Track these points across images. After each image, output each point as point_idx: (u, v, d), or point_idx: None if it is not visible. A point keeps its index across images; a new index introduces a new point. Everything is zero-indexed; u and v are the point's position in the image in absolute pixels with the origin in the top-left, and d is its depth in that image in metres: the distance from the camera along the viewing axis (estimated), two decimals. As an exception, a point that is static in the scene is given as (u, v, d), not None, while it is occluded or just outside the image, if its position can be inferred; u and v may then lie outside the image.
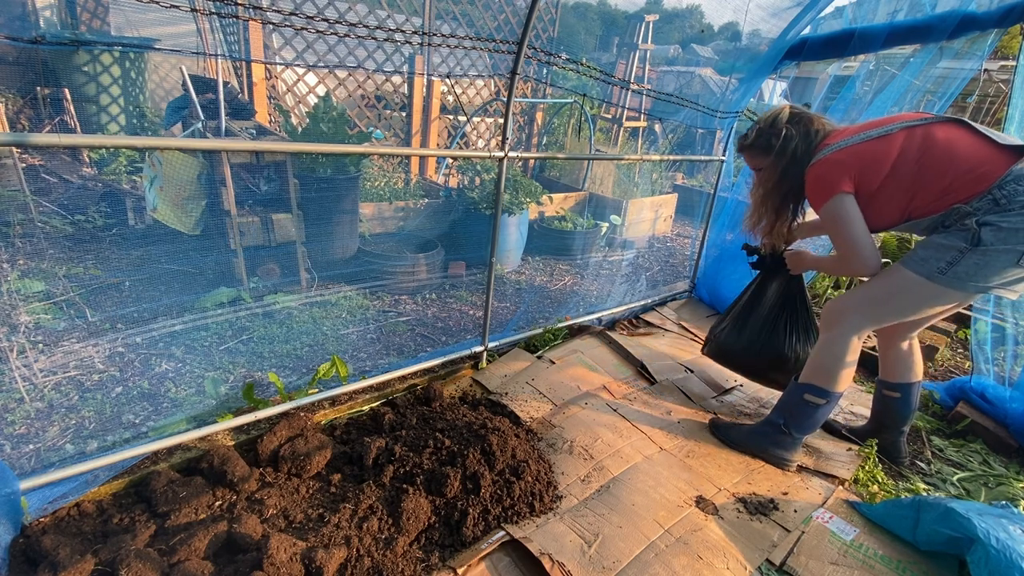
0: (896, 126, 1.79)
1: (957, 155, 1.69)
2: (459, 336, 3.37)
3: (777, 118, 1.99)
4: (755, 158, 2.10)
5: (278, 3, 4.70)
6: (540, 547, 1.63)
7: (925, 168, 1.73)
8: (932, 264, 1.73)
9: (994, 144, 1.69)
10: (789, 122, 1.97)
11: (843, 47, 2.81)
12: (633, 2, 7.46)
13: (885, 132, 1.80)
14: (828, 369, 1.98)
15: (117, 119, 5.05)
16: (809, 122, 1.96)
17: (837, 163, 1.84)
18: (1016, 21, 2.34)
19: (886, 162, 1.77)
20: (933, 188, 1.72)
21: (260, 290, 3.38)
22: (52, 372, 2.47)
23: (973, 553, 1.58)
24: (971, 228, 1.64)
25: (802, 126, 1.96)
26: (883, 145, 1.78)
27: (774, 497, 1.99)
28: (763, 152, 2.04)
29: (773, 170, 2.02)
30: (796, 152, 1.96)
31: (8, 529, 1.45)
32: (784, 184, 2.01)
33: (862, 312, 1.93)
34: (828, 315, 2.03)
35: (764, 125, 2.02)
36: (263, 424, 2.02)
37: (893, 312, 1.90)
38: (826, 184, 1.85)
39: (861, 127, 1.88)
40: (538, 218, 5.27)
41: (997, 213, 1.61)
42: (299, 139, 3.88)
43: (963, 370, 3.29)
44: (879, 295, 1.90)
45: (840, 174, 1.82)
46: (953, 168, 1.69)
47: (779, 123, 1.98)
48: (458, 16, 5.67)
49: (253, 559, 1.42)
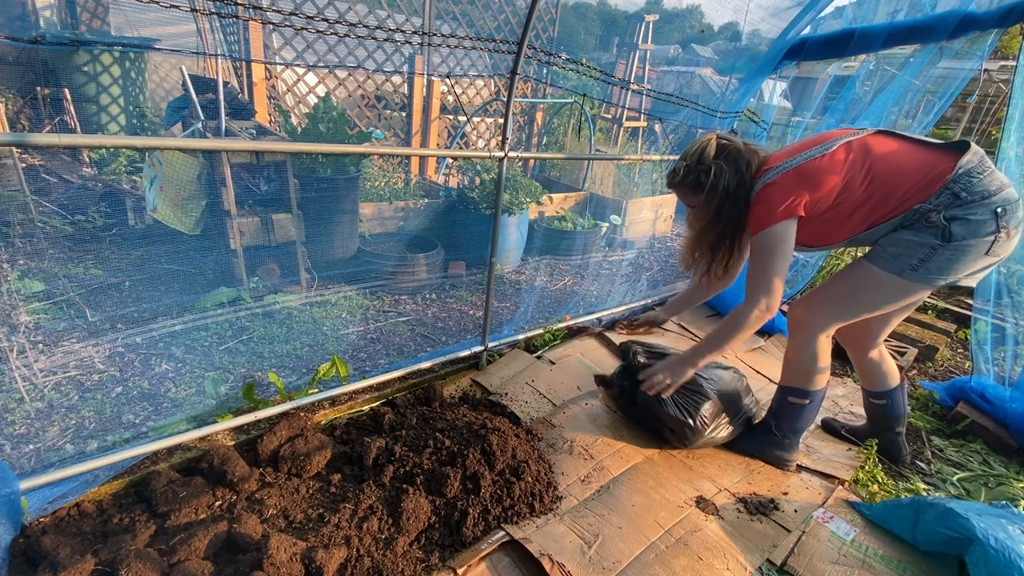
0: (833, 142, 1.78)
1: (903, 163, 1.72)
2: (459, 336, 3.37)
3: (703, 153, 1.88)
4: (686, 196, 1.99)
5: (278, 3, 4.70)
6: (540, 548, 1.63)
7: (877, 180, 1.73)
8: (903, 261, 1.73)
9: (930, 146, 1.74)
10: (717, 157, 1.86)
11: (843, 47, 2.81)
12: (633, 2, 7.47)
13: (825, 150, 1.77)
14: (804, 371, 2.00)
15: (117, 119, 5.05)
16: (738, 154, 1.86)
17: (787, 186, 1.77)
18: (1016, 21, 2.34)
19: (836, 178, 1.75)
20: (892, 197, 1.72)
21: (260, 290, 3.39)
22: (52, 372, 2.47)
23: (972, 553, 1.58)
24: (939, 224, 1.66)
25: (731, 160, 1.85)
26: (828, 162, 1.75)
27: (774, 497, 1.99)
28: (693, 190, 1.93)
29: (706, 208, 1.90)
30: (728, 187, 1.85)
31: (8, 529, 1.45)
32: (719, 221, 1.90)
33: (828, 311, 1.92)
34: (794, 317, 2.02)
35: (691, 162, 1.90)
36: (263, 424, 2.02)
37: (860, 309, 1.88)
38: (776, 208, 1.77)
39: (800, 147, 1.83)
40: (538, 218, 5.27)
41: (960, 207, 1.64)
42: (299, 139, 3.88)
43: (963, 370, 3.29)
44: (845, 293, 1.88)
45: (792, 196, 1.76)
46: (905, 176, 1.70)
47: (706, 159, 1.87)
48: (458, 16, 5.67)
49: (253, 559, 1.42)
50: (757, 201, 1.84)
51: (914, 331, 3.53)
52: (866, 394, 2.30)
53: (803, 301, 2.02)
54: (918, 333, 3.50)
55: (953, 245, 1.66)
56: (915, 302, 1.93)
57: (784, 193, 1.77)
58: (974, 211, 1.63)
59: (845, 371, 3.14)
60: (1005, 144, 2.53)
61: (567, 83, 6.66)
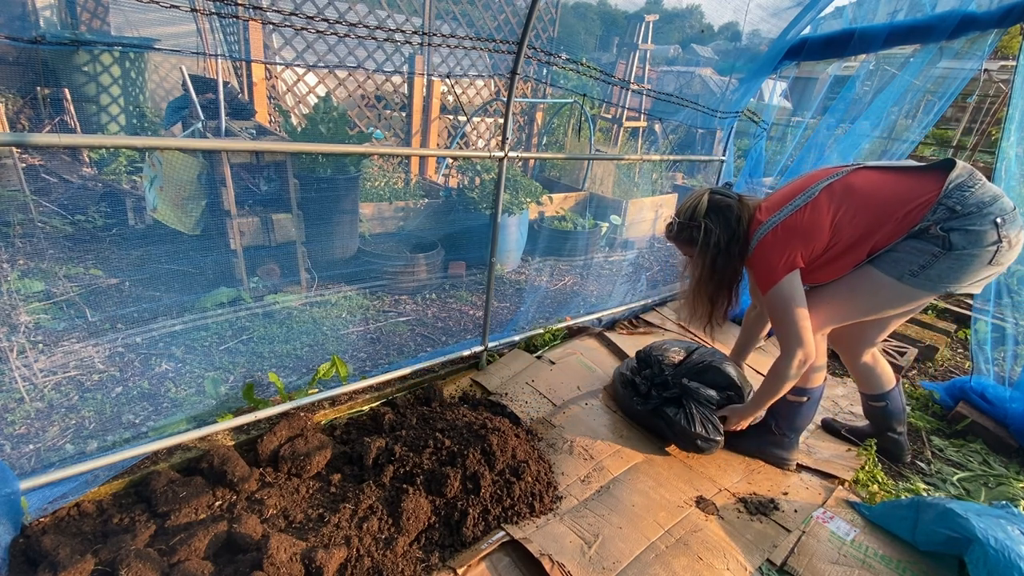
0: (814, 188, 1.81)
1: (888, 196, 1.75)
2: (459, 336, 3.37)
3: (695, 210, 1.93)
4: (682, 248, 2.07)
5: (278, 3, 4.70)
6: (540, 548, 1.63)
7: (867, 217, 1.75)
8: (904, 266, 1.74)
9: (913, 172, 1.77)
10: (708, 215, 1.91)
11: (843, 47, 2.81)
12: (633, 2, 7.47)
13: (808, 198, 1.80)
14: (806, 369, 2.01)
15: (117, 119, 5.05)
16: (728, 210, 1.90)
17: (778, 242, 1.81)
18: (1016, 21, 2.34)
19: (825, 226, 1.78)
20: (886, 225, 1.74)
21: (260, 290, 3.39)
22: (52, 372, 2.47)
23: (971, 553, 1.58)
24: (938, 235, 1.67)
25: (721, 216, 1.90)
26: (813, 211, 1.78)
27: (774, 497, 1.99)
28: (688, 244, 2.00)
29: (701, 260, 1.96)
30: (720, 243, 1.91)
31: (8, 529, 1.45)
32: (715, 275, 1.96)
33: (826, 311, 1.93)
34: None
35: (684, 219, 1.96)
36: (263, 424, 2.02)
37: (858, 311, 1.90)
38: (776, 266, 1.80)
39: (784, 197, 1.86)
40: (538, 218, 5.26)
41: (957, 218, 1.65)
42: (299, 139, 3.88)
43: (963, 370, 3.29)
44: (844, 294, 1.89)
45: (786, 252, 1.80)
46: (893, 208, 1.73)
47: (697, 216, 1.92)
48: (458, 16, 5.67)
49: (253, 559, 1.42)
50: (755, 261, 1.88)
51: (914, 331, 3.53)
52: (864, 397, 2.30)
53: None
54: (918, 333, 3.50)
55: (954, 254, 1.67)
56: (913, 308, 1.93)
57: (779, 250, 1.81)
58: (972, 222, 1.64)
59: (845, 371, 3.14)
60: (1005, 144, 2.53)
61: (567, 83, 6.66)
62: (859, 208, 1.76)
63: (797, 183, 1.89)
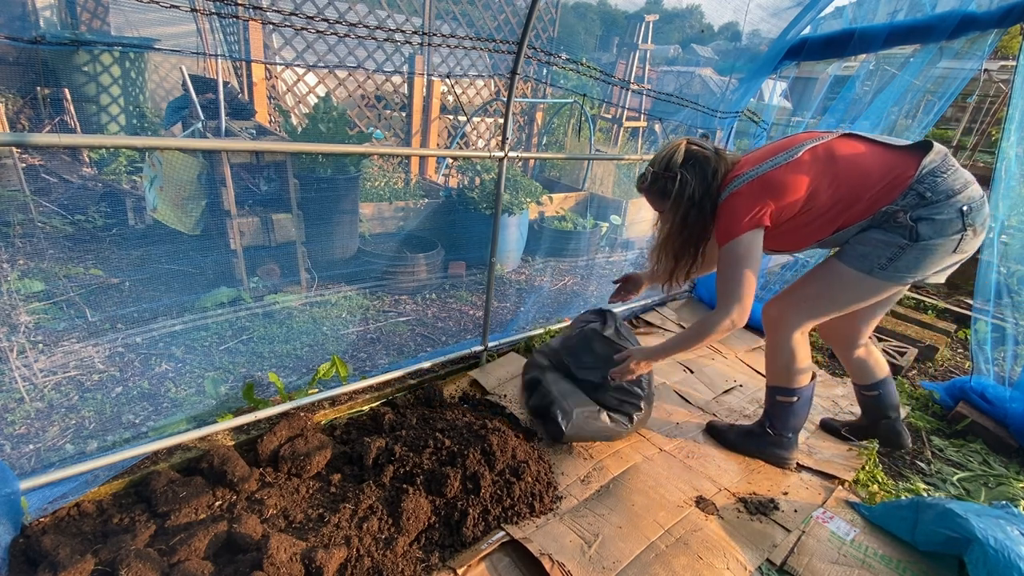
0: (798, 148, 1.78)
1: (868, 166, 1.73)
2: (459, 336, 3.37)
3: (671, 161, 1.85)
4: (654, 202, 1.98)
5: (278, 3, 4.70)
6: (540, 547, 1.63)
7: (843, 185, 1.73)
8: (872, 260, 1.76)
9: (893, 148, 1.75)
10: (684, 165, 1.84)
11: (843, 47, 2.81)
12: (633, 2, 7.47)
13: (790, 156, 1.77)
14: (785, 369, 2.02)
15: (117, 119, 5.05)
16: (705, 161, 1.84)
17: (751, 195, 1.77)
18: (1016, 21, 2.34)
19: (801, 187, 1.75)
20: (859, 201, 1.73)
21: (260, 290, 3.39)
22: (52, 372, 2.47)
23: (971, 553, 1.58)
24: (906, 224, 1.67)
25: (698, 168, 1.83)
26: (793, 171, 1.75)
27: (774, 497, 1.99)
28: (660, 197, 1.91)
29: (673, 215, 1.89)
30: (694, 196, 1.84)
31: (8, 529, 1.45)
32: (685, 229, 1.90)
33: (801, 310, 1.95)
34: (769, 317, 2.03)
35: (659, 168, 1.87)
36: (263, 424, 2.02)
37: (832, 307, 1.92)
38: (740, 218, 1.77)
39: (766, 153, 1.83)
40: (538, 218, 5.26)
41: (926, 207, 1.66)
42: (299, 139, 3.88)
43: (963, 370, 3.29)
44: (817, 291, 1.90)
45: (756, 207, 1.76)
46: (870, 180, 1.72)
47: (673, 167, 1.84)
48: (458, 16, 5.67)
49: (253, 559, 1.42)
50: (722, 211, 1.83)
51: (914, 331, 3.53)
52: (858, 388, 2.30)
53: (777, 301, 2.03)
54: (918, 333, 3.50)
55: (920, 244, 1.68)
56: (889, 299, 1.95)
57: (749, 203, 1.76)
58: (940, 210, 1.65)
59: (845, 371, 3.14)
60: (1005, 144, 2.53)
61: (567, 83, 6.65)
62: (839, 176, 1.74)
63: (781, 142, 1.87)
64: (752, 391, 2.76)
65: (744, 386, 2.79)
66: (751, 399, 2.68)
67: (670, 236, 1.92)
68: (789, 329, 1.97)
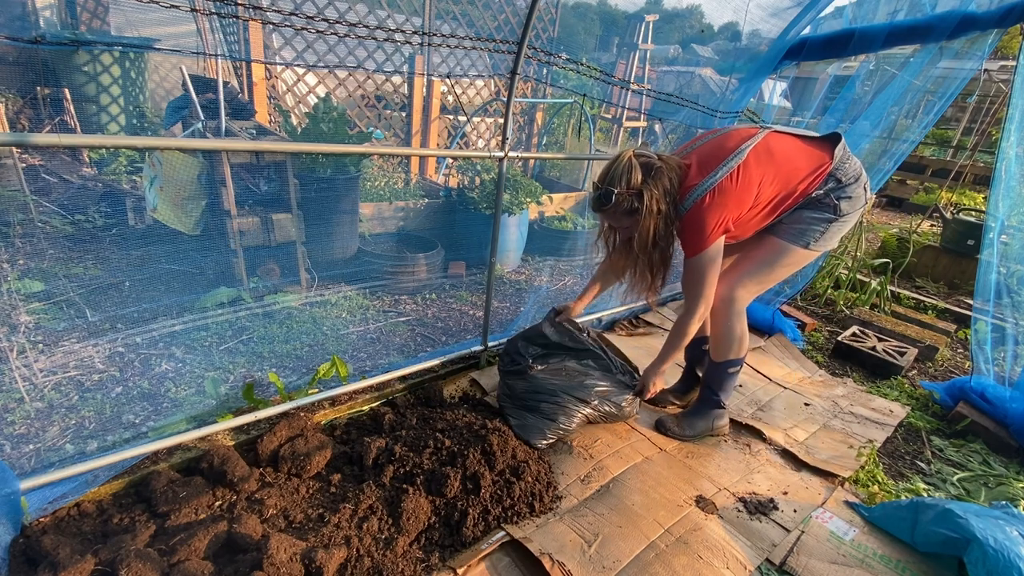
0: (742, 151, 1.88)
1: (798, 160, 1.93)
2: (459, 336, 3.37)
3: (630, 178, 1.85)
4: (619, 220, 1.99)
5: (278, 3, 4.70)
6: (540, 547, 1.63)
7: (780, 179, 1.91)
8: (808, 236, 2.00)
9: (811, 140, 1.98)
10: (645, 181, 1.85)
11: (843, 47, 2.81)
12: (633, 2, 7.47)
13: (738, 159, 1.87)
14: (736, 343, 2.15)
15: (117, 119, 5.05)
16: (660, 173, 1.86)
17: (713, 207, 1.85)
18: (1016, 21, 2.34)
19: (752, 188, 1.88)
20: (793, 193, 1.94)
21: (260, 290, 3.38)
22: (52, 372, 2.47)
23: (970, 553, 1.58)
24: (832, 203, 1.95)
25: (659, 181, 1.86)
26: (744, 174, 1.86)
27: (774, 497, 1.99)
28: (627, 215, 1.93)
29: (646, 231, 1.90)
30: (661, 210, 1.88)
31: (8, 529, 1.45)
32: (659, 242, 1.94)
33: (749, 287, 2.10)
34: (718, 298, 2.09)
35: (621, 188, 1.86)
36: (263, 424, 2.02)
37: (773, 279, 2.14)
38: (708, 231, 1.87)
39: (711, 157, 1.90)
40: (538, 218, 5.26)
41: (843, 188, 1.95)
42: (299, 139, 3.88)
43: (963, 370, 3.29)
44: (763, 268, 2.07)
45: (719, 216, 1.86)
46: (801, 172, 1.92)
47: (634, 184, 1.85)
48: (458, 16, 5.67)
49: (253, 559, 1.42)
50: (687, 224, 1.92)
51: (914, 331, 3.53)
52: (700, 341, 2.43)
53: (723, 282, 2.08)
54: (918, 333, 3.50)
55: (842, 219, 1.98)
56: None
57: (713, 215, 1.86)
58: (854, 190, 1.96)
59: (845, 371, 3.15)
60: (1005, 144, 2.54)
61: (567, 83, 6.65)
62: (776, 173, 1.90)
63: (718, 141, 1.97)
64: (751, 391, 2.76)
65: (743, 386, 2.79)
66: (750, 400, 2.68)
67: (646, 250, 1.96)
68: (740, 305, 2.10)
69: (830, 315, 3.98)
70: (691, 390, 2.54)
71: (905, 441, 2.51)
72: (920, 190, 8.67)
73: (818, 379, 3.01)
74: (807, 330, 3.58)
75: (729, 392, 2.30)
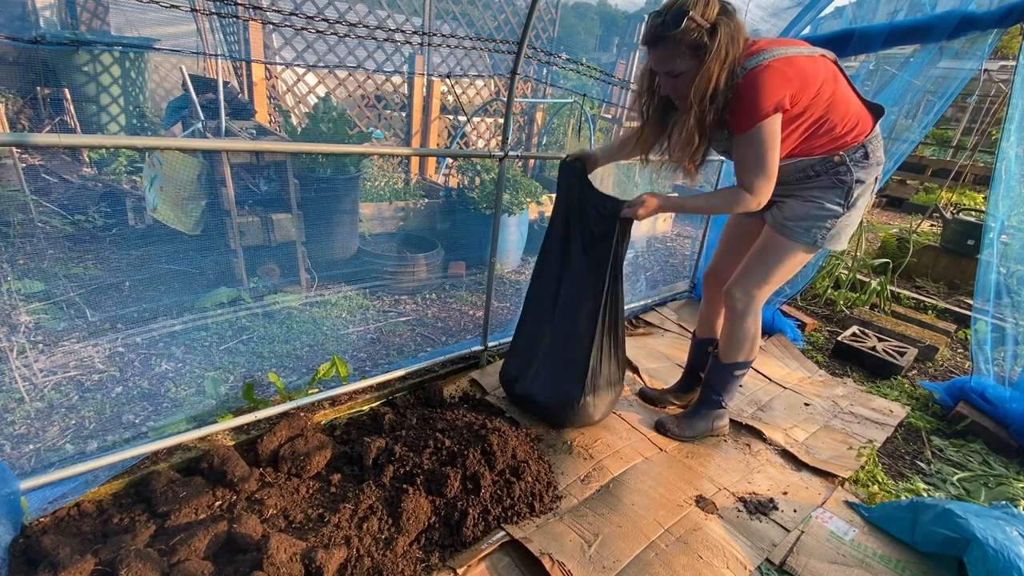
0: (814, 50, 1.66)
1: (852, 103, 1.74)
2: (459, 336, 3.37)
3: (707, 10, 1.52)
4: (674, 59, 1.60)
5: (278, 3, 4.70)
6: (540, 547, 1.63)
7: (833, 107, 1.68)
8: (815, 233, 1.88)
9: (862, 99, 1.81)
10: (720, 15, 1.54)
11: (843, 47, 2.80)
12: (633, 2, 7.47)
13: (812, 53, 1.65)
14: (749, 346, 2.12)
15: (117, 119, 5.05)
16: (735, 17, 1.57)
17: (779, 74, 1.56)
18: (1016, 21, 2.34)
19: (814, 87, 1.62)
20: (833, 130, 1.72)
21: (260, 290, 3.38)
22: (52, 372, 2.47)
23: (970, 553, 1.58)
24: (847, 184, 1.79)
25: (733, 24, 1.55)
26: (813, 67, 1.61)
27: (774, 497, 1.99)
28: (690, 52, 1.57)
29: (709, 76, 1.56)
30: (729, 54, 1.55)
31: (8, 529, 1.45)
32: (718, 96, 1.59)
33: (764, 288, 2.04)
34: (734, 300, 2.06)
35: (695, 12, 1.51)
36: (263, 424, 2.02)
37: (784, 278, 2.05)
38: (769, 97, 1.56)
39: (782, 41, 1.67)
40: (538, 218, 5.26)
41: (865, 168, 1.80)
42: (299, 139, 3.88)
43: (963, 370, 3.29)
44: (776, 269, 1.99)
45: (781, 89, 1.56)
46: (850, 115, 1.73)
47: (709, 15, 1.52)
48: (458, 16, 5.67)
49: (253, 559, 1.42)
50: (745, 88, 1.58)
51: (914, 331, 3.53)
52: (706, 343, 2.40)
53: (740, 284, 2.05)
54: (918, 333, 3.50)
55: (855, 210, 1.85)
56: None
57: (776, 82, 1.56)
58: (870, 174, 1.82)
59: (845, 371, 3.15)
60: (1005, 144, 2.54)
61: (567, 83, 6.65)
62: (835, 96, 1.68)
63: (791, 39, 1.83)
64: (751, 392, 2.76)
65: (744, 386, 2.79)
66: (750, 400, 2.69)
67: (700, 102, 1.60)
68: (758, 305, 2.06)
69: (830, 315, 3.98)
70: (691, 390, 2.53)
71: (905, 441, 2.51)
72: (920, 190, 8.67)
73: (818, 379, 3.01)
74: (807, 330, 3.58)
75: (732, 394, 2.28)
